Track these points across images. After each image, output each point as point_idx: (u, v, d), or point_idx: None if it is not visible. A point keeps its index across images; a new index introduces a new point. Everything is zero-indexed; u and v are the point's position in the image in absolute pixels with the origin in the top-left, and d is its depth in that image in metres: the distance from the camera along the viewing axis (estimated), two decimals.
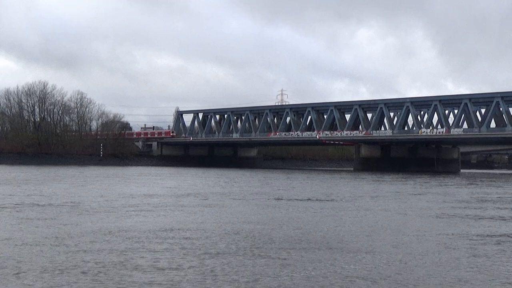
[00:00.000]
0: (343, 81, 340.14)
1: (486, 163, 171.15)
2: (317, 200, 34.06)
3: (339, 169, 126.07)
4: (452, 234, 19.48)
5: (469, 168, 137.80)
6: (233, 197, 34.73)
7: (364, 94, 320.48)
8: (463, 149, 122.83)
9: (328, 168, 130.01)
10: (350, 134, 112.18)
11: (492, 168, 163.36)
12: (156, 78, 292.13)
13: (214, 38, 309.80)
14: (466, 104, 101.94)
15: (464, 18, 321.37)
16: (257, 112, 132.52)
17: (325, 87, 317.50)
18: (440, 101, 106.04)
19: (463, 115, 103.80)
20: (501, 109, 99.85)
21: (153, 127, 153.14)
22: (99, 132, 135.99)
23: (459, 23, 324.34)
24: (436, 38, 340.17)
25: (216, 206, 28.55)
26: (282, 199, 34.10)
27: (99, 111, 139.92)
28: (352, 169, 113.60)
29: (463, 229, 20.88)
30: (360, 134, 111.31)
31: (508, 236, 19.41)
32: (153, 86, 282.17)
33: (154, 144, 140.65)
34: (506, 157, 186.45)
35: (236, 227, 20.07)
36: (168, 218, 22.73)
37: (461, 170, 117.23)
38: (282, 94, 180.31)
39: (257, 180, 59.63)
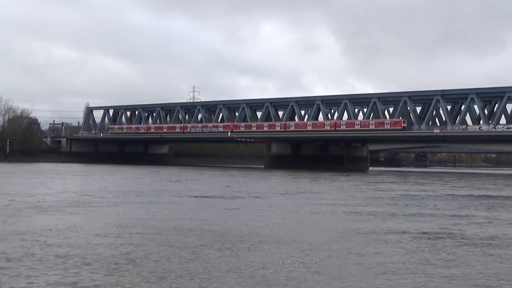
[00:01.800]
0: (248, 77, 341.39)
1: (394, 161, 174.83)
2: (220, 197, 33.79)
3: (250, 166, 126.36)
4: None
5: (378, 166, 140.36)
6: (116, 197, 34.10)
7: (271, 91, 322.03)
8: (371, 147, 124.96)
9: (240, 166, 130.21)
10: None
11: (399, 166, 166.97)
12: (55, 72, 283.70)
13: (112, 30, 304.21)
14: (375, 103, 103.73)
15: (367, 14, 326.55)
16: (169, 109, 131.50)
17: (231, 83, 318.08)
18: (350, 99, 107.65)
19: (372, 114, 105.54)
20: (408, 108, 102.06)
21: (62, 123, 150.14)
22: (5, 128, 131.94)
23: (363, 19, 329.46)
24: (340, 34, 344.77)
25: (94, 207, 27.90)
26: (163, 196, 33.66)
27: (6, 106, 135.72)
28: (263, 166, 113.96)
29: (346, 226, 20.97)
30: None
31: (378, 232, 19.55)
32: (52, 80, 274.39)
33: (63, 140, 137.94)
34: (413, 155, 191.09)
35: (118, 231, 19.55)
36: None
37: (370, 168, 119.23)
38: (194, 91, 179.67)
39: (157, 177, 58.99)
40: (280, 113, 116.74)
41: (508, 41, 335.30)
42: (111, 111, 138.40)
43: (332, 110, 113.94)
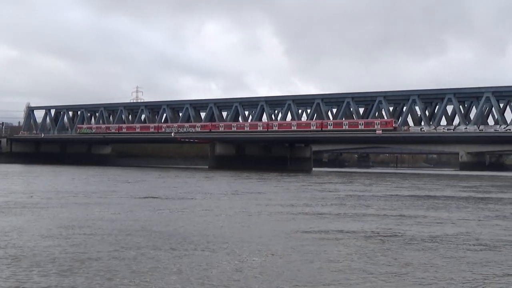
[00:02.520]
0: (192, 77, 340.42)
1: (337, 161, 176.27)
2: (167, 198, 33.65)
3: (194, 166, 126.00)
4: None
5: (321, 167, 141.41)
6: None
7: (215, 91, 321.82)
8: (315, 147, 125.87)
9: (184, 166, 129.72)
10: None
11: (342, 166, 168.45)
12: None
13: (53, 28, 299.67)
14: (318, 103, 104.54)
15: (310, 15, 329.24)
16: (112, 109, 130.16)
17: (174, 83, 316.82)
18: (293, 100, 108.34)
19: (315, 115, 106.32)
20: (351, 109, 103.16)
21: (2, 123, 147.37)
22: None
23: (306, 20, 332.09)
24: (284, 35, 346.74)
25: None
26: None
27: None
28: (207, 167, 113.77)
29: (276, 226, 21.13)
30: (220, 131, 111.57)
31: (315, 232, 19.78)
32: None
33: (3, 140, 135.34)
34: (356, 156, 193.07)
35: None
36: None
37: (313, 169, 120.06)
38: (137, 91, 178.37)
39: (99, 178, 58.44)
40: (224, 113, 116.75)
41: (449, 43, 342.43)
42: (52, 111, 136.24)
43: (276, 111, 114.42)
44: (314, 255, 14.99)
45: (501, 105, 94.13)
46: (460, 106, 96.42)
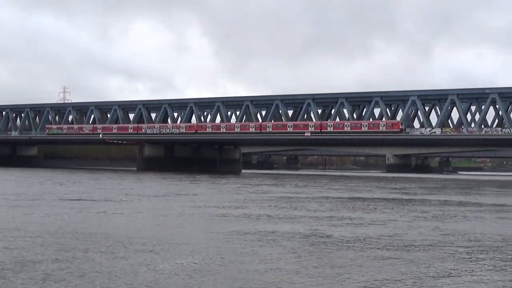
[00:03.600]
0: (120, 77, 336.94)
1: (266, 163, 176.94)
2: (98, 200, 33.15)
3: (122, 168, 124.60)
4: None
5: (251, 169, 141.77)
6: None
7: (143, 92, 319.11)
8: (244, 149, 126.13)
9: (112, 168, 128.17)
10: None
11: (272, 168, 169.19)
12: None
13: None
14: (247, 105, 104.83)
15: (239, 16, 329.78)
16: (38, 109, 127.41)
17: (102, 83, 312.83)
18: (223, 102, 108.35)
19: (244, 117, 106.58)
20: (280, 111, 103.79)
21: None
22: None
23: (235, 21, 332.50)
24: (213, 36, 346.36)
25: None
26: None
27: None
28: (136, 168, 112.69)
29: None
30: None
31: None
32: None
33: None
34: (285, 157, 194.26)
35: None
36: None
37: (243, 171, 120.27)
38: (64, 92, 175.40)
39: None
40: (153, 115, 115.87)
41: (375, 45, 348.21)
42: None
43: (205, 113, 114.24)
44: (248, 256, 14.99)
45: (427, 108, 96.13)
46: (387, 109, 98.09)
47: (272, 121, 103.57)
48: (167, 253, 15.34)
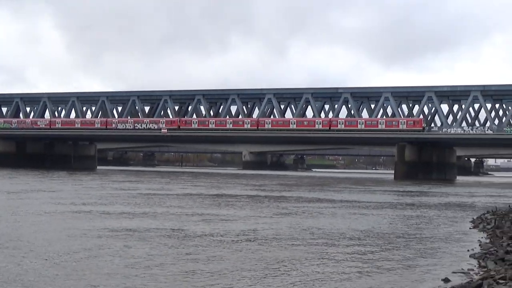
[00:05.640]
0: None
1: (122, 160, 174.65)
2: None
3: None
4: None
5: (106, 165, 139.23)
6: None
7: None
8: (100, 146, 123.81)
9: None
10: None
11: (128, 165, 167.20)
12: None
13: None
14: (103, 101, 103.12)
15: (94, 8, 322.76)
16: None
17: None
18: (78, 97, 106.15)
19: (100, 113, 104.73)
20: (136, 107, 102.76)
21: None
22: None
23: (89, 13, 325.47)
24: (66, 28, 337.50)
25: None
26: None
27: None
28: None
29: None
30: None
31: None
32: None
33: None
34: (141, 154, 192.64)
35: None
36: None
37: (98, 167, 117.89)
38: None
39: None
40: (4, 109, 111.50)
41: (232, 42, 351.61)
42: None
43: (60, 108, 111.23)
44: (115, 254, 14.71)
45: (282, 106, 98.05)
46: (244, 107, 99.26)
47: (129, 117, 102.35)
48: (17, 251, 14.74)
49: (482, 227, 22.57)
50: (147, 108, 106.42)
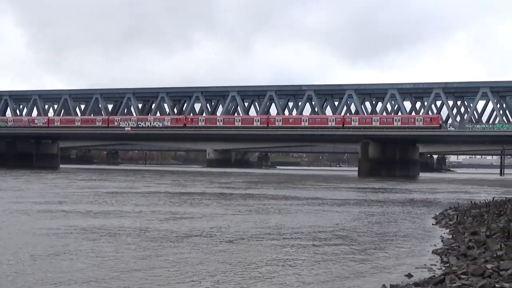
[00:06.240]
0: None
1: (85, 158, 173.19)
2: None
3: None
4: None
5: (69, 163, 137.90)
6: None
7: None
8: (63, 144, 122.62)
9: None
10: None
11: (91, 163, 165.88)
12: None
13: None
14: (66, 99, 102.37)
15: (55, 6, 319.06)
16: None
17: None
18: (40, 95, 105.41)
19: (62, 111, 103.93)
20: (100, 105, 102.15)
21: None
22: None
23: (51, 10, 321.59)
24: (27, 25, 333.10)
25: None
26: None
27: None
28: None
29: None
30: None
31: None
32: None
33: None
34: (105, 152, 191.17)
35: None
36: None
37: (61, 165, 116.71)
38: None
39: None
40: None
41: (196, 39, 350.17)
42: None
43: (22, 106, 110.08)
44: (81, 253, 14.67)
45: (246, 104, 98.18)
46: (207, 104, 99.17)
47: (92, 115, 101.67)
48: None
49: (444, 223, 22.91)
50: (110, 106, 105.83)
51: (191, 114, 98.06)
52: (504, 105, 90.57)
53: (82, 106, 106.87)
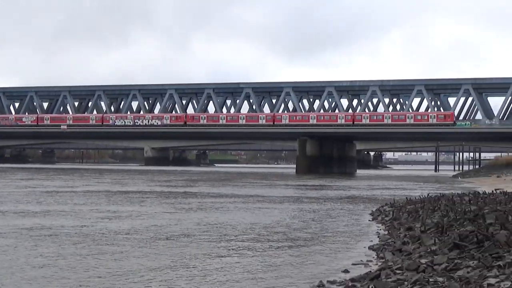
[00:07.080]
0: None
1: (20, 157, 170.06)
2: None
3: None
4: None
5: (3, 163, 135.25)
6: None
7: None
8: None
9: None
10: None
11: (26, 162, 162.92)
12: None
13: None
14: (32, 96, 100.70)
15: None
16: None
17: None
18: None
19: None
20: (35, 103, 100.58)
21: None
22: None
23: None
24: None
25: None
26: None
27: None
28: None
29: None
30: None
31: None
32: None
33: None
34: (40, 151, 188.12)
35: None
36: None
37: None
38: None
39: None
40: None
41: (132, 36, 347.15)
42: None
43: None
44: (21, 254, 14.55)
45: (184, 102, 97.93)
46: (145, 102, 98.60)
47: (26, 114, 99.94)
48: None
49: (380, 219, 23.30)
50: (45, 104, 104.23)
51: (128, 112, 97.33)
52: (438, 103, 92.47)
53: (17, 104, 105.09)
